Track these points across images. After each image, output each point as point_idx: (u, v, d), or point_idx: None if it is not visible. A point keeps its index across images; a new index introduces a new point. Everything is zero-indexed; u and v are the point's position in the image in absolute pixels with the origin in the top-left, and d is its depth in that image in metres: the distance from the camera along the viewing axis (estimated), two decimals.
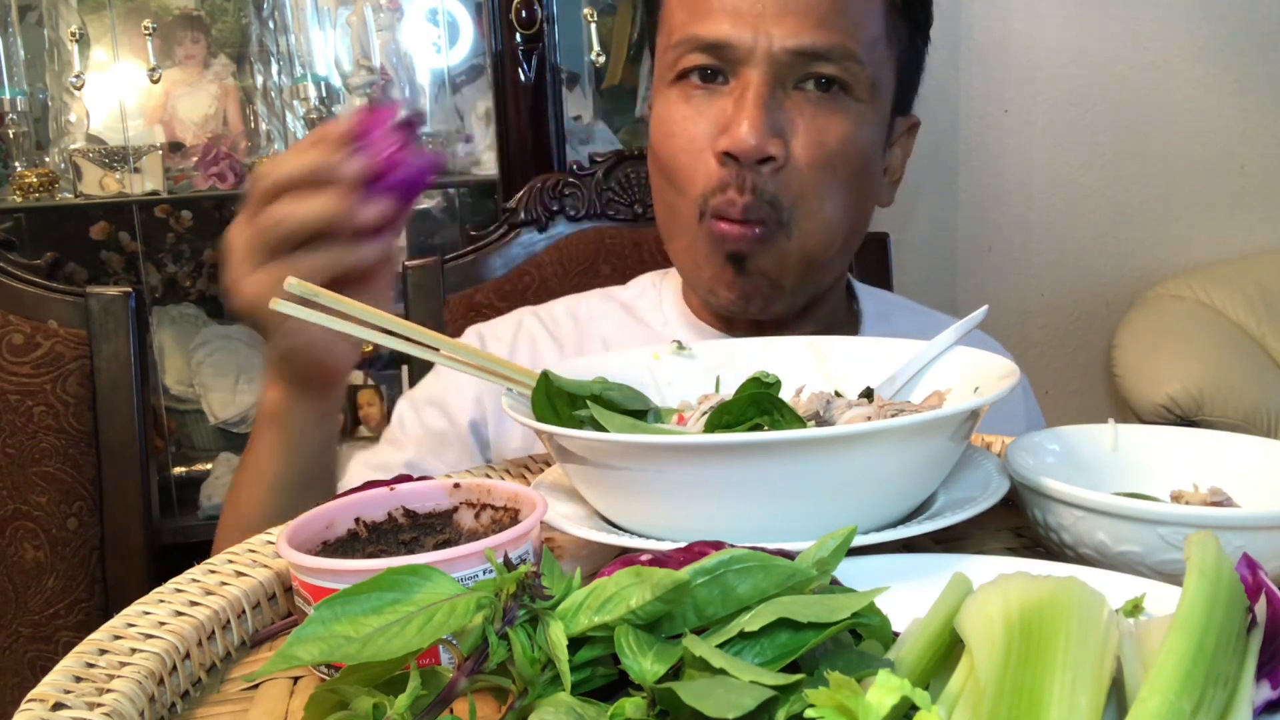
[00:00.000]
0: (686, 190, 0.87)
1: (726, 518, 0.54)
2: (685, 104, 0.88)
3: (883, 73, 0.89)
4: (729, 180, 0.85)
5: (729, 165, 0.84)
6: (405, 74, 2.05)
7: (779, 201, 0.85)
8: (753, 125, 0.83)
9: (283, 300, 0.60)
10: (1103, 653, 0.34)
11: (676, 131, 0.88)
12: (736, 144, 0.83)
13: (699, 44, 0.86)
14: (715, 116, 0.86)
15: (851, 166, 0.88)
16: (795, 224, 0.86)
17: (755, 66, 0.84)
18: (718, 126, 0.85)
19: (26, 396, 1.10)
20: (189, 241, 2.17)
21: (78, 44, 1.90)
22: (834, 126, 0.86)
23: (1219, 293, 2.10)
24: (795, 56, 0.84)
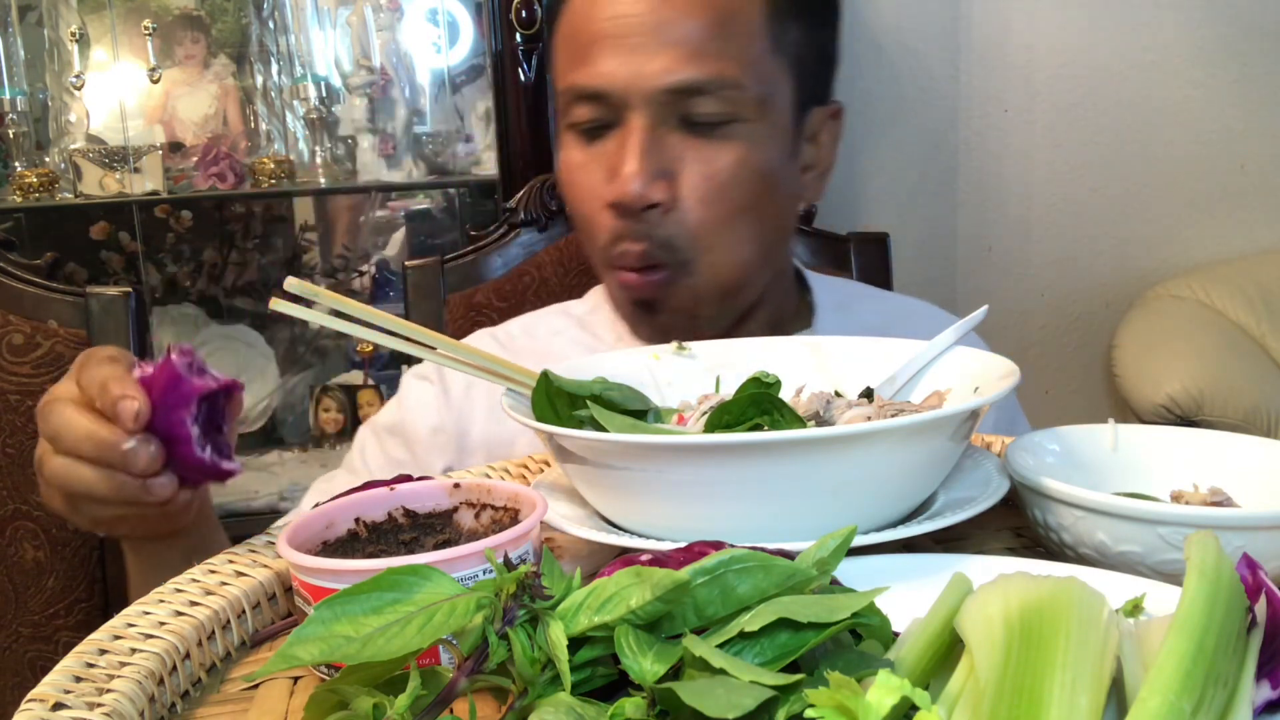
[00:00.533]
0: (591, 240, 0.88)
1: (726, 518, 0.54)
2: (579, 152, 0.87)
3: (774, 85, 0.87)
4: (622, 231, 0.84)
5: (619, 215, 0.84)
6: (405, 74, 2.04)
7: (674, 244, 0.85)
8: (634, 173, 0.82)
9: (281, 301, 0.60)
10: (1103, 653, 0.34)
11: (574, 182, 0.88)
12: (620, 194, 0.82)
13: (579, 94, 0.85)
14: (605, 164, 0.85)
15: (749, 190, 0.86)
16: (697, 261, 0.86)
17: (636, 110, 0.83)
18: (607, 175, 0.85)
19: (26, 396, 1.10)
20: (189, 241, 2.17)
21: (78, 44, 1.90)
22: (723, 157, 0.84)
23: (1219, 293, 2.10)
24: (673, 95, 0.82)
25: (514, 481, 0.70)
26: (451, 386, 0.96)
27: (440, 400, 0.96)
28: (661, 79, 0.82)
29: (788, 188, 0.92)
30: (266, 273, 2.20)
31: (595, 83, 0.83)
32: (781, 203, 0.91)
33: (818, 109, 0.93)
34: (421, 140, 2.05)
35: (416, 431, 0.95)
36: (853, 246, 1.39)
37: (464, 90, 2.05)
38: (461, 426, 0.95)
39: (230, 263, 2.19)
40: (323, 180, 1.98)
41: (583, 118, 0.85)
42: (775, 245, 0.92)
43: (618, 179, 0.83)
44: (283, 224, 2.22)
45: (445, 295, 1.30)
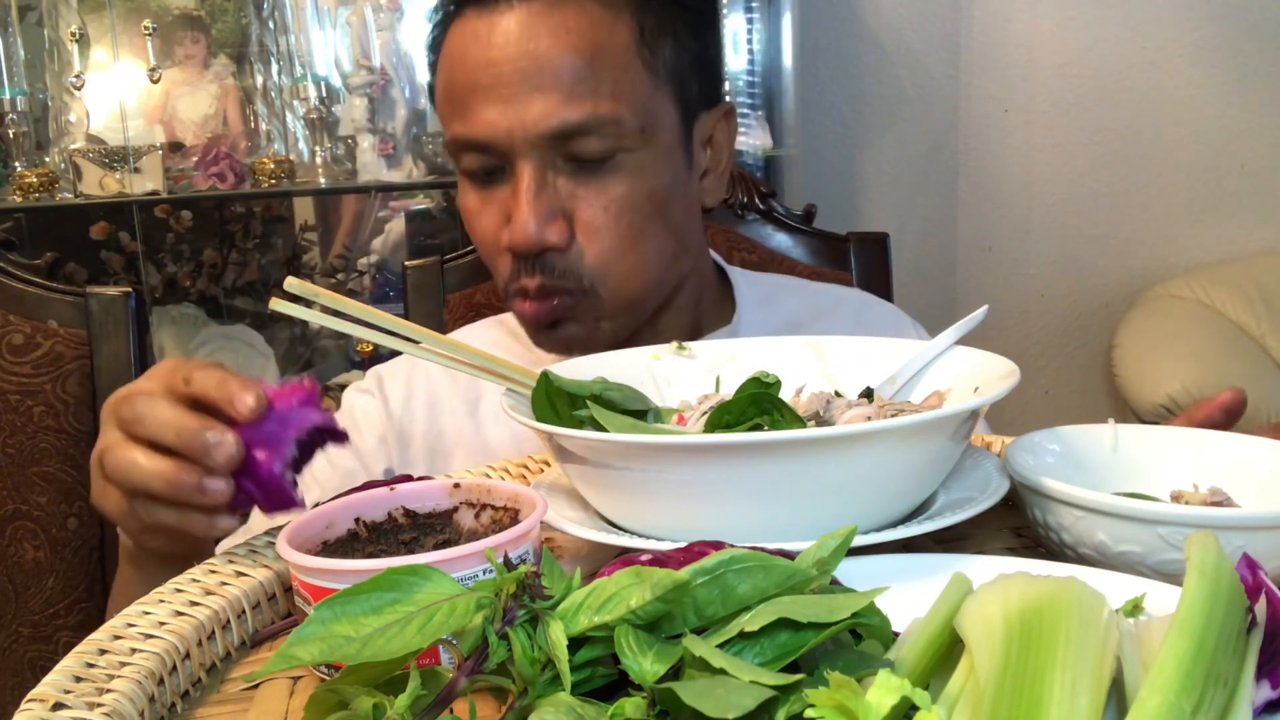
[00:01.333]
0: (496, 275, 0.90)
1: (726, 518, 0.54)
2: (473, 198, 0.89)
3: (654, 110, 0.87)
4: (520, 270, 0.86)
5: (517, 260, 0.86)
6: (405, 74, 2.05)
7: (573, 274, 0.86)
8: (525, 220, 0.83)
9: (281, 301, 0.60)
10: (1103, 653, 0.34)
11: (472, 226, 0.90)
12: (515, 242, 0.84)
13: (466, 144, 0.86)
14: (499, 207, 0.87)
15: (642, 215, 0.87)
16: (599, 286, 0.87)
17: (521, 156, 0.84)
18: (501, 219, 0.86)
19: (26, 396, 1.10)
20: (189, 241, 2.17)
21: (78, 44, 1.90)
22: (611, 190, 0.85)
23: (1219, 293, 2.10)
24: (554, 139, 0.83)
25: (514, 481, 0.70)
26: (391, 397, 0.98)
27: (382, 412, 0.98)
28: (540, 125, 0.82)
29: (685, 199, 0.92)
30: (266, 273, 2.20)
31: (478, 133, 0.84)
32: (679, 216, 0.91)
33: (707, 114, 0.93)
34: (421, 140, 2.05)
35: (364, 442, 0.96)
36: (853, 246, 1.39)
37: None
38: (404, 438, 0.97)
39: (230, 263, 2.19)
40: (323, 180, 1.98)
41: (472, 166, 0.87)
42: (679, 254, 0.93)
43: (512, 226, 0.84)
44: (283, 224, 2.23)
45: (445, 295, 1.30)
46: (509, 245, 0.84)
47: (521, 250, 0.84)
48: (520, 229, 0.83)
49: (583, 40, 0.83)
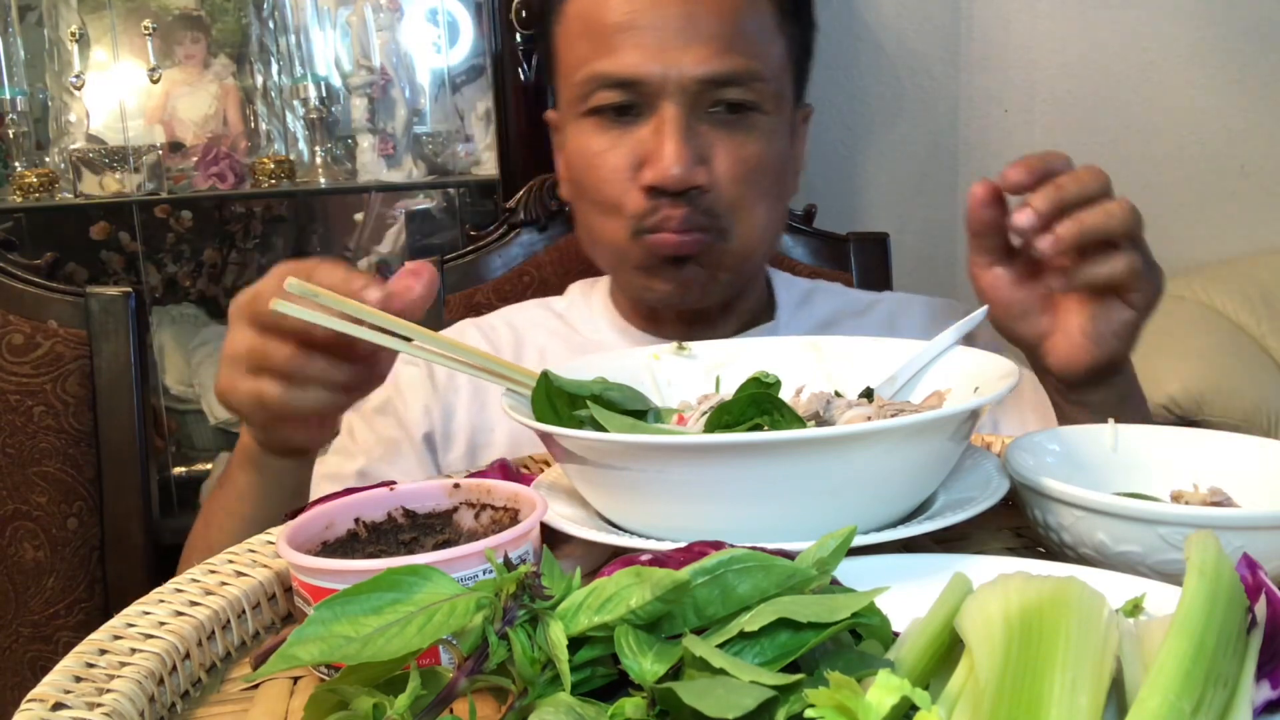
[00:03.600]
0: (616, 215, 0.90)
1: (726, 518, 0.54)
2: (602, 136, 0.90)
3: (784, 81, 0.92)
4: (660, 204, 0.87)
5: (656, 197, 0.87)
6: (405, 74, 2.04)
7: (713, 212, 0.89)
8: (677, 158, 0.85)
9: (281, 301, 0.60)
10: (1103, 653, 0.34)
11: (596, 165, 0.90)
12: (663, 178, 0.85)
13: (608, 81, 0.87)
14: (634, 148, 0.88)
15: (770, 177, 0.92)
16: (732, 231, 0.90)
17: (668, 98, 0.86)
18: (638, 158, 0.88)
19: (26, 396, 1.10)
20: (189, 241, 2.17)
21: (78, 44, 1.90)
22: (749, 146, 0.89)
23: (1219, 293, 2.10)
24: (705, 85, 0.87)
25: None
26: (437, 372, 0.99)
27: (427, 383, 0.99)
28: (696, 69, 0.86)
29: (789, 180, 0.98)
30: (266, 273, 2.19)
31: (628, 71, 0.86)
32: (785, 193, 0.97)
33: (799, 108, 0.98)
34: (421, 140, 2.05)
35: (408, 409, 0.97)
36: (853, 246, 1.39)
37: (464, 90, 2.05)
38: (448, 410, 0.98)
39: (230, 263, 2.19)
40: (323, 180, 1.98)
41: (608, 101, 0.88)
42: (779, 231, 0.98)
43: (660, 162, 0.85)
44: (283, 224, 2.23)
45: (445, 295, 1.30)
46: (656, 181, 0.86)
47: (670, 185, 0.86)
48: (671, 164, 0.85)
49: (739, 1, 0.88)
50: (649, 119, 0.88)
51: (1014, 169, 0.73)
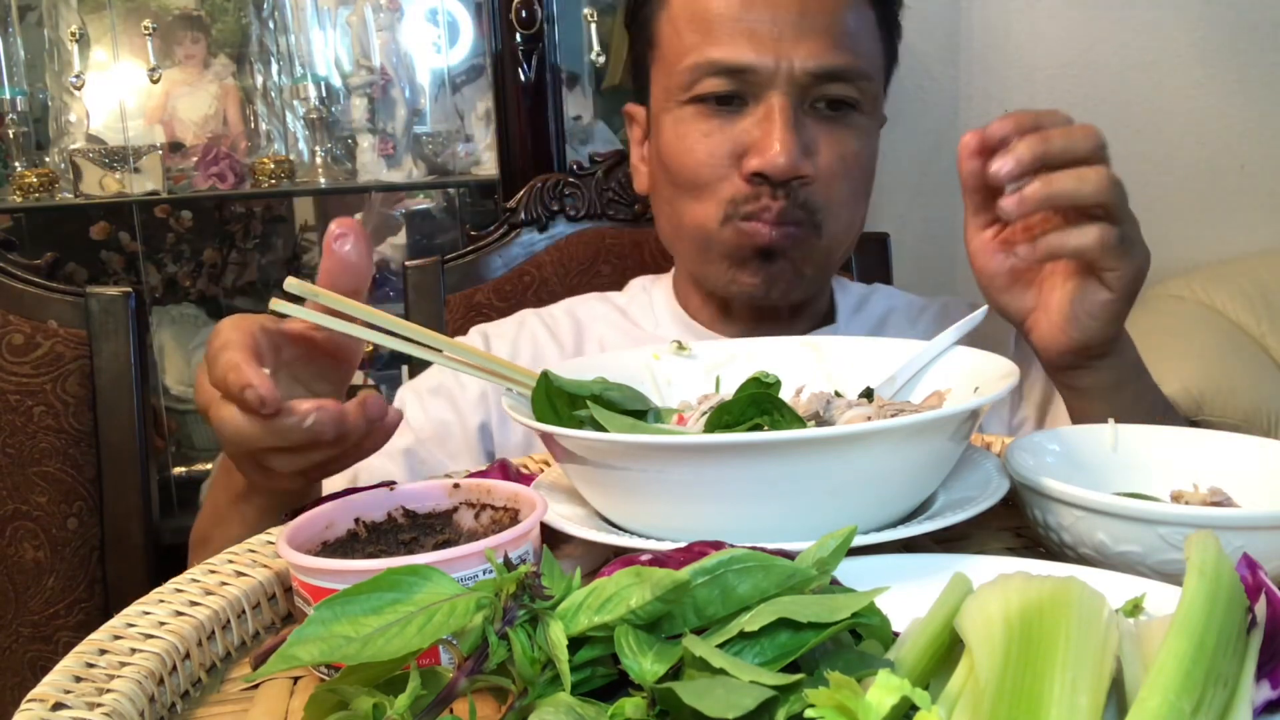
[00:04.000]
0: (710, 201, 0.90)
1: (726, 518, 0.54)
2: (704, 123, 0.90)
3: (879, 84, 0.94)
4: (761, 193, 0.88)
5: (758, 184, 0.87)
6: (405, 74, 2.04)
7: (810, 206, 0.89)
8: (785, 147, 0.85)
9: (281, 301, 0.60)
10: (1103, 653, 0.34)
11: (697, 149, 0.90)
12: (771, 166, 0.86)
13: (719, 69, 0.88)
14: (738, 136, 0.88)
15: (864, 177, 0.93)
16: (825, 226, 0.90)
17: (777, 89, 0.87)
18: (741, 146, 0.88)
19: (26, 396, 1.10)
20: (189, 241, 2.17)
21: (78, 44, 1.90)
22: (849, 142, 0.90)
23: (1219, 293, 2.10)
24: (814, 78, 0.87)
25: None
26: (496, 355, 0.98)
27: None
28: (809, 62, 0.86)
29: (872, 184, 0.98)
30: (266, 273, 2.20)
31: (740, 59, 0.87)
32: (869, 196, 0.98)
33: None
34: (421, 140, 2.05)
35: (465, 392, 0.97)
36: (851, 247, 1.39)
37: (464, 90, 2.05)
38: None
39: (230, 263, 2.19)
40: (323, 180, 1.98)
41: (714, 89, 0.88)
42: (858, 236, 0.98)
43: (766, 150, 0.86)
44: (283, 224, 2.23)
45: (445, 295, 1.30)
46: (763, 167, 0.86)
47: (778, 173, 0.86)
48: (779, 152, 0.85)
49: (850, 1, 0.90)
50: (754, 109, 0.88)
51: (1000, 121, 0.72)
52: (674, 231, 0.96)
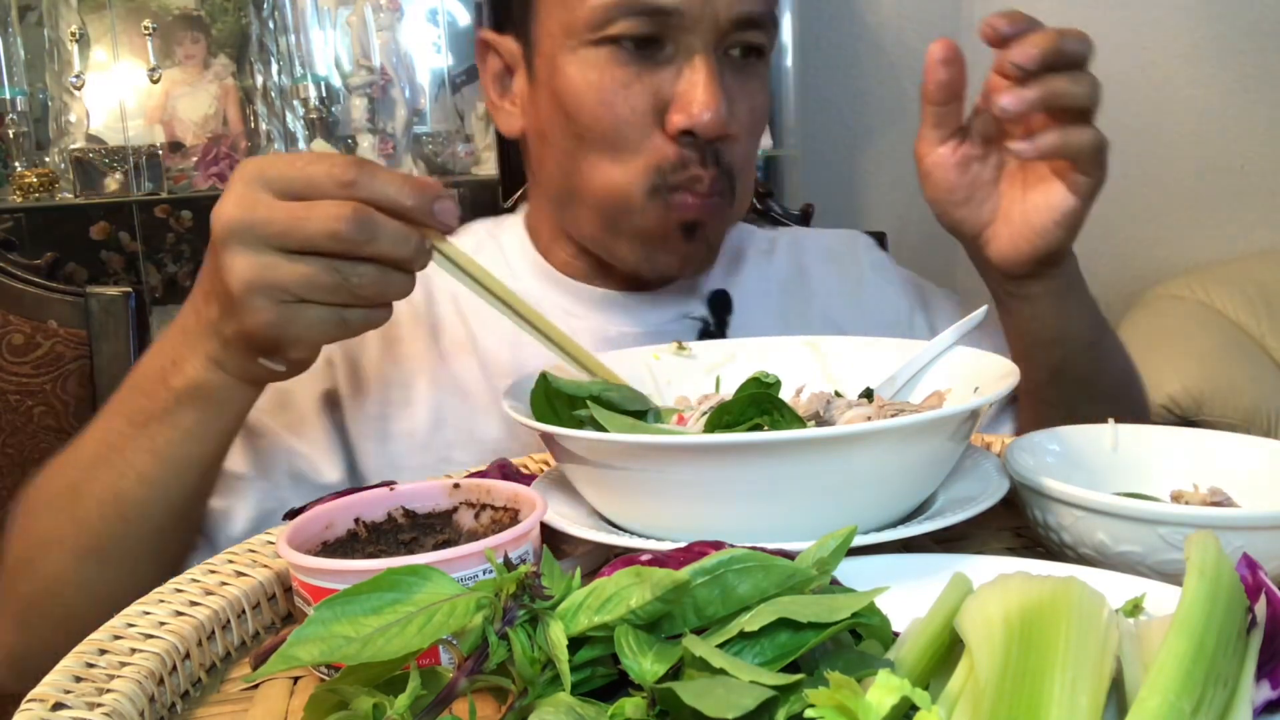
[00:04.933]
0: (629, 164, 0.82)
1: (726, 518, 0.54)
2: (620, 70, 0.81)
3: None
4: (689, 157, 0.81)
5: (686, 143, 0.81)
6: (405, 74, 2.05)
7: (732, 170, 0.84)
8: (715, 102, 0.79)
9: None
10: (1103, 653, 0.34)
11: (614, 103, 0.81)
12: (700, 122, 0.79)
13: (640, 9, 0.79)
14: (660, 87, 0.81)
15: (762, 130, 0.89)
16: (735, 192, 0.85)
17: (699, 35, 0.80)
18: (664, 100, 0.81)
19: (26, 396, 1.10)
20: (189, 241, 2.17)
21: (78, 44, 1.90)
22: (758, 94, 0.85)
23: (1219, 293, 2.10)
24: (734, 23, 0.81)
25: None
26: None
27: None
28: (735, 6, 0.80)
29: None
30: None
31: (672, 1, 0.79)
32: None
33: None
34: (421, 140, 2.05)
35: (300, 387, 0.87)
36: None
37: (464, 90, 2.05)
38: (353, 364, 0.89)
39: None
40: None
41: (628, 32, 0.80)
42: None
43: (694, 106, 0.79)
44: None
45: None
46: (693, 125, 0.79)
47: (709, 131, 0.80)
48: (712, 108, 0.79)
49: None
50: (674, 56, 0.81)
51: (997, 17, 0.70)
52: (570, 190, 0.86)
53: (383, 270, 0.61)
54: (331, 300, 0.61)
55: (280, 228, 0.60)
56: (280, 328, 0.62)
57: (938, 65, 0.74)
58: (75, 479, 0.71)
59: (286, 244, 0.60)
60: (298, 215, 0.59)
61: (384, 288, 0.62)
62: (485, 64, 0.92)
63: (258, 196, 0.60)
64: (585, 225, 0.88)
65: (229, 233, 0.61)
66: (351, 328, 0.64)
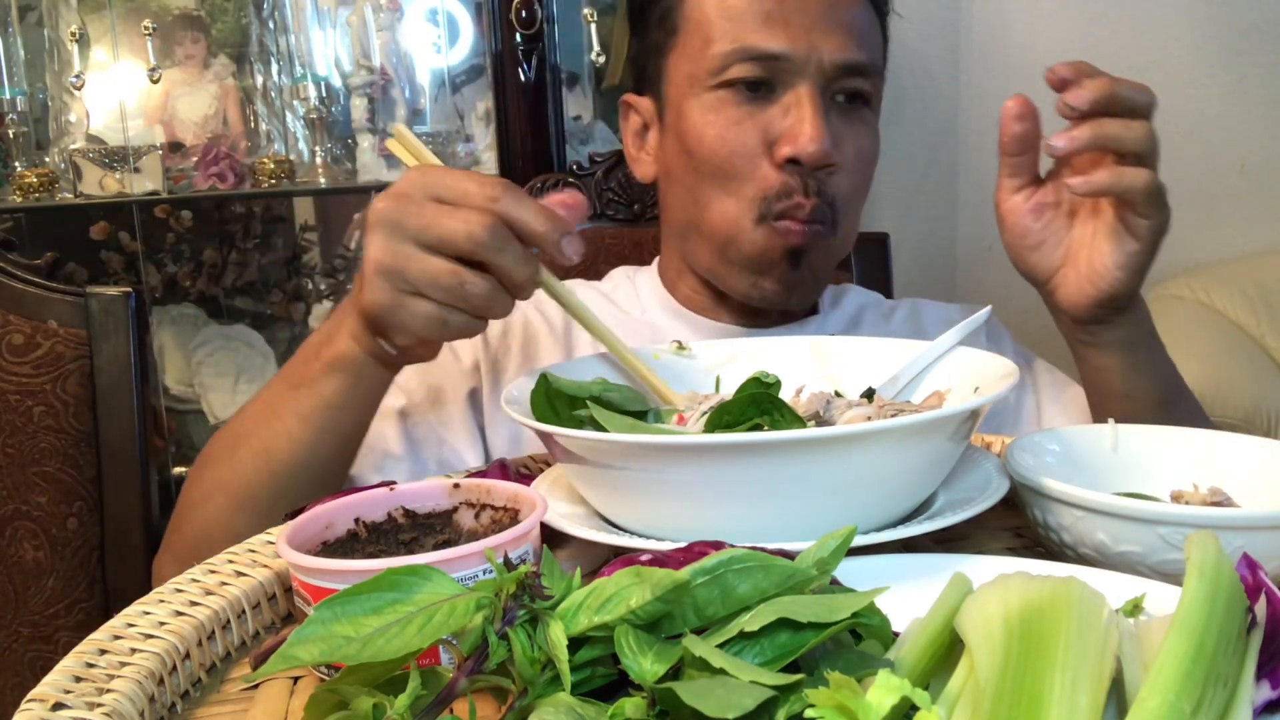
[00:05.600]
0: (740, 194, 0.91)
1: (726, 518, 0.54)
2: (733, 109, 0.91)
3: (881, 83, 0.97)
4: (793, 186, 0.89)
5: (791, 171, 0.89)
6: (405, 74, 2.04)
7: (835, 203, 0.91)
8: (819, 134, 0.88)
9: None
10: (1103, 653, 0.34)
11: (728, 137, 0.91)
12: (804, 151, 0.88)
13: (753, 55, 0.89)
14: (768, 124, 0.90)
15: (870, 173, 0.96)
16: (840, 223, 0.93)
17: (806, 78, 0.89)
18: (772, 134, 0.90)
19: (26, 396, 1.10)
20: (189, 241, 2.17)
21: (78, 44, 1.90)
22: (863, 135, 0.93)
23: (1219, 293, 2.10)
24: (839, 71, 0.90)
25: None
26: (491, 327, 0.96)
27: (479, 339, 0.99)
28: (836, 55, 0.89)
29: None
30: (266, 273, 2.20)
31: (779, 46, 0.89)
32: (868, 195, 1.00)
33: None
34: (421, 140, 2.05)
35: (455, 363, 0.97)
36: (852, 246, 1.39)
37: (464, 90, 2.05)
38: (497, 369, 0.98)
39: (230, 263, 2.19)
40: (323, 180, 1.98)
41: (744, 75, 0.90)
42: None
43: (799, 137, 0.88)
44: (283, 224, 2.22)
45: None
46: (797, 154, 0.88)
47: (812, 159, 0.88)
48: (815, 140, 0.88)
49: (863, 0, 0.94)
50: (782, 97, 0.90)
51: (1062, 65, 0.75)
52: (690, 222, 0.96)
53: (495, 286, 0.67)
54: (443, 300, 0.67)
55: (425, 221, 0.66)
56: (391, 312, 0.68)
57: (1012, 120, 0.80)
58: (240, 432, 0.80)
59: (425, 237, 0.66)
60: (442, 214, 0.66)
61: (491, 301, 0.67)
62: (627, 122, 1.04)
63: (413, 193, 0.68)
64: (703, 256, 0.97)
65: (380, 219, 0.68)
66: (451, 331, 0.69)
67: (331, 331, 0.76)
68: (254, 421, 0.79)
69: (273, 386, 0.80)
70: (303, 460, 0.76)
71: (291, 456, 0.76)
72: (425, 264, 0.66)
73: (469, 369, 0.97)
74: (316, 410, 0.76)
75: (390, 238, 0.67)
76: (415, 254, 0.66)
